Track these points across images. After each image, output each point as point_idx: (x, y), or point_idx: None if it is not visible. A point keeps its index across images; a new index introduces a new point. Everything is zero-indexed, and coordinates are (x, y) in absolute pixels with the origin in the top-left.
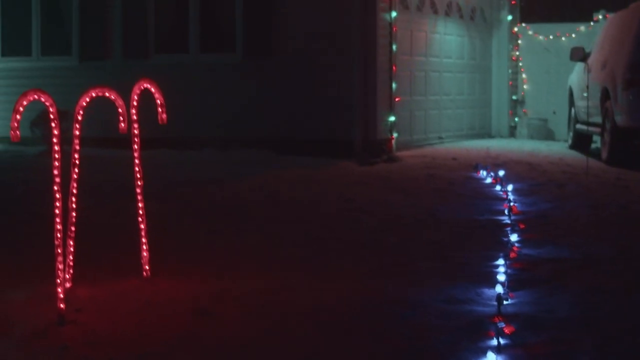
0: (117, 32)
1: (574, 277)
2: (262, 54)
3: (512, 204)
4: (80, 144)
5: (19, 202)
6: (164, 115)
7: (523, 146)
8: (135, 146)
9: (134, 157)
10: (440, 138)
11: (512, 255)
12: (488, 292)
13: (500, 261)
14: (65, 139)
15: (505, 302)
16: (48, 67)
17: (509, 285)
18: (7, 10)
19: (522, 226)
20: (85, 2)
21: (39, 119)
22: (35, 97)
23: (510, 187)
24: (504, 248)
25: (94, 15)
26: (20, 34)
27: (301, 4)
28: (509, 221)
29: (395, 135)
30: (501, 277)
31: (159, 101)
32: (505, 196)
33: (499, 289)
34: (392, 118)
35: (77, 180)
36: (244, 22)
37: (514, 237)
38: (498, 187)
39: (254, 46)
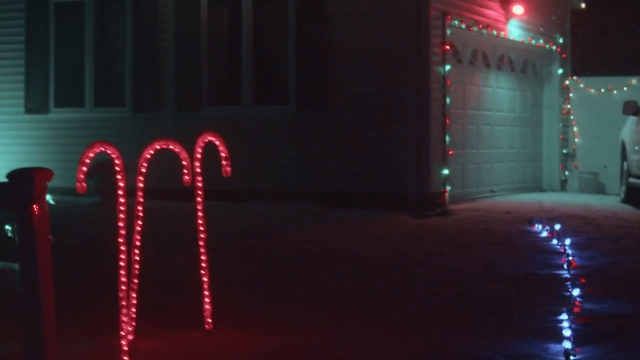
0: (170, 84)
1: (639, 332)
2: (316, 107)
3: (570, 258)
4: (142, 196)
5: (78, 253)
6: (228, 168)
7: (575, 200)
8: (199, 199)
9: (197, 210)
10: (492, 191)
11: (575, 310)
12: (554, 347)
13: (564, 316)
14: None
15: (572, 358)
16: (101, 119)
17: (575, 340)
18: (60, 62)
19: (582, 281)
20: (139, 54)
21: (93, 170)
22: (102, 148)
23: (567, 241)
24: (566, 303)
25: (148, 67)
26: (73, 85)
27: (355, 58)
28: (568, 275)
29: (448, 188)
30: (567, 332)
31: (223, 154)
32: (562, 250)
33: (566, 344)
34: (446, 171)
35: (140, 233)
36: (297, 74)
37: (575, 292)
38: (554, 241)
39: (307, 98)
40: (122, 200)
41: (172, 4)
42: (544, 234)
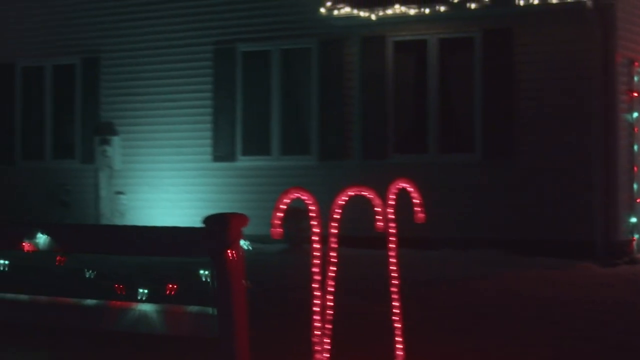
0: (356, 132)
1: None
2: (501, 155)
3: None
4: (336, 243)
5: (268, 299)
6: (422, 215)
7: None
8: (392, 245)
9: (388, 256)
10: None
11: None
12: None
13: None
14: (305, 238)
15: None
16: (287, 167)
17: None
18: (247, 110)
19: None
20: (325, 102)
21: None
22: (297, 195)
23: None
24: None
25: (334, 115)
26: (260, 133)
27: (539, 106)
28: None
29: (636, 236)
30: None
31: (416, 200)
32: None
33: None
34: (634, 219)
35: (334, 279)
36: (483, 122)
37: None
38: None
39: (494, 146)
40: (316, 245)
41: (358, 52)
42: None
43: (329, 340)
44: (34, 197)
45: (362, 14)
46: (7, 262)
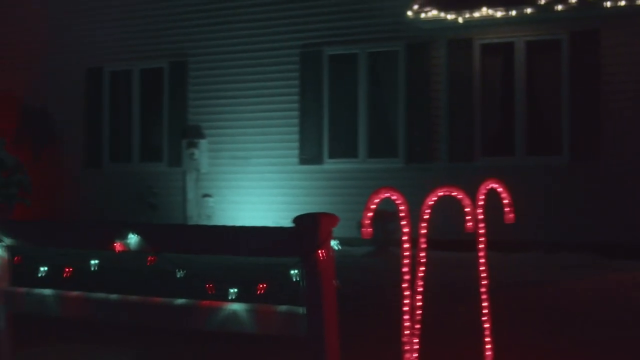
0: (443, 134)
1: None
2: (589, 157)
3: None
4: (425, 243)
5: (356, 300)
6: (512, 215)
7: None
8: (481, 245)
9: (478, 256)
10: None
11: None
12: None
13: None
14: (391, 241)
15: None
16: (374, 169)
17: None
18: (334, 112)
19: None
20: (412, 104)
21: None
22: (387, 194)
23: None
24: None
25: (420, 117)
26: (347, 136)
27: (627, 107)
28: None
29: None
30: None
31: (506, 200)
32: None
33: None
34: None
35: (423, 279)
36: (571, 124)
37: None
38: None
39: (581, 148)
40: (406, 245)
41: (444, 55)
42: None
43: (417, 340)
44: (121, 200)
45: (449, 16)
46: (97, 261)
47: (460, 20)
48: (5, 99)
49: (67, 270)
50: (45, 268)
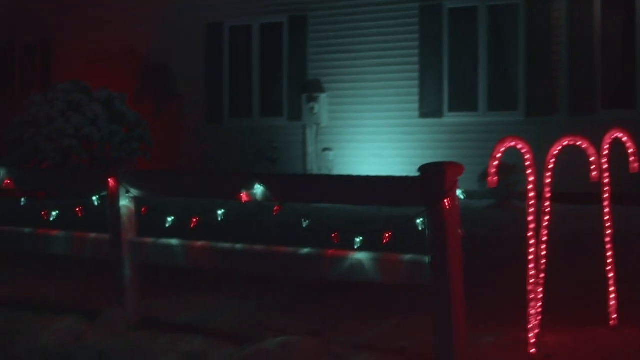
0: (564, 87)
1: None
2: None
3: None
4: (550, 192)
5: (478, 251)
6: (636, 165)
7: None
8: (605, 195)
9: (603, 206)
10: None
11: None
12: None
13: None
14: (512, 194)
15: None
16: (494, 122)
17: None
18: (453, 66)
19: None
20: (532, 57)
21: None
22: (513, 143)
23: None
24: None
25: (541, 71)
26: (466, 90)
27: None
28: None
29: None
30: None
31: (631, 150)
32: None
33: None
34: None
35: (547, 228)
36: None
37: None
38: None
39: None
40: (531, 194)
41: (565, 7)
42: None
43: (542, 289)
44: (241, 155)
45: None
46: (222, 211)
47: None
48: (126, 56)
49: (193, 220)
50: (171, 219)
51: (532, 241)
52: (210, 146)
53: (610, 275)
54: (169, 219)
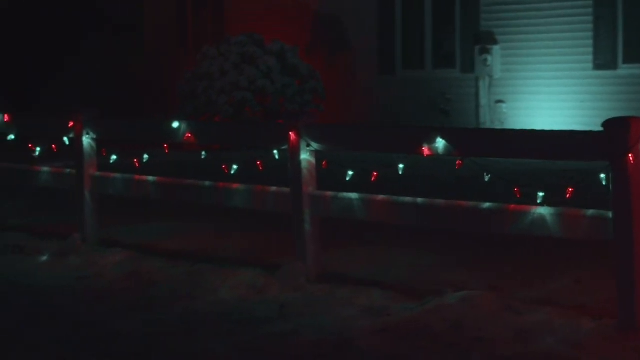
0: None
1: None
2: None
3: None
4: None
5: None
6: None
7: None
8: None
9: None
10: None
11: None
12: None
13: None
14: None
15: None
16: None
17: None
18: (629, 18)
19: None
20: None
21: None
22: None
23: None
24: None
25: None
26: None
27: None
28: None
29: None
30: None
31: None
32: None
33: None
34: None
35: None
36: None
37: None
38: None
39: None
40: None
41: None
42: None
43: None
44: (413, 107)
45: None
46: (402, 166)
47: None
48: (298, 8)
49: (374, 174)
50: (351, 173)
51: None
52: (383, 98)
53: None
54: (350, 173)
